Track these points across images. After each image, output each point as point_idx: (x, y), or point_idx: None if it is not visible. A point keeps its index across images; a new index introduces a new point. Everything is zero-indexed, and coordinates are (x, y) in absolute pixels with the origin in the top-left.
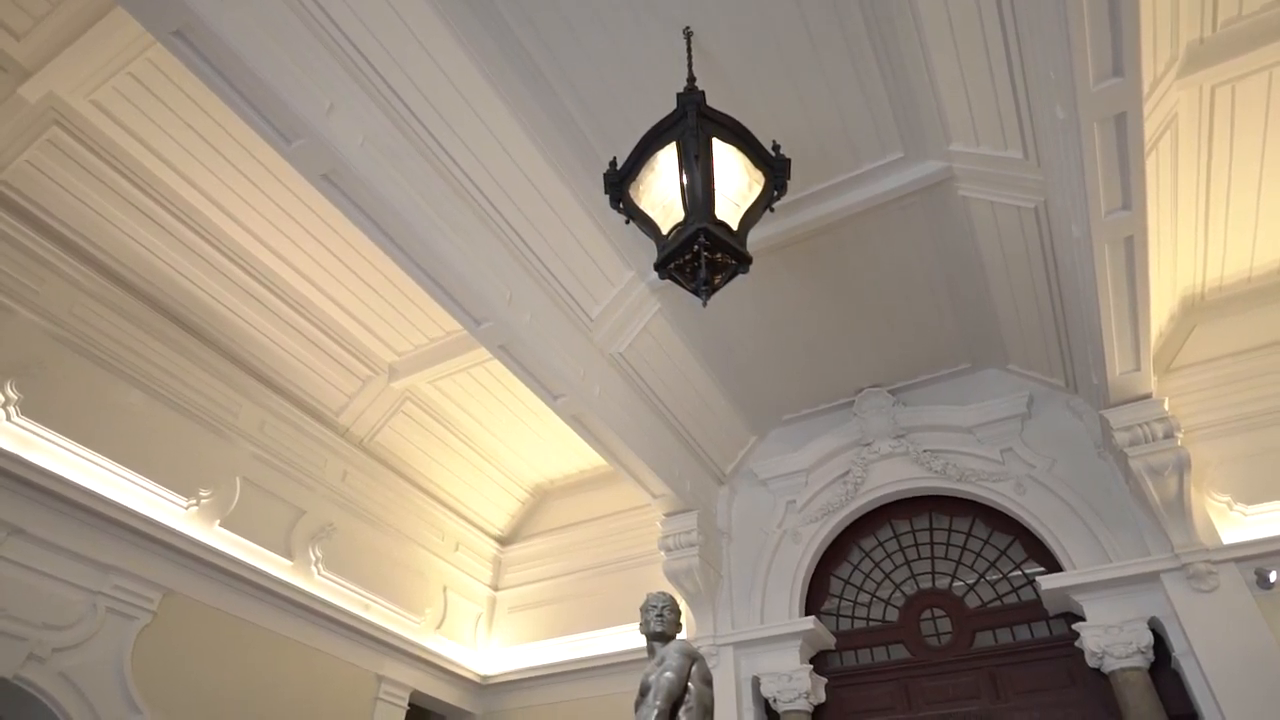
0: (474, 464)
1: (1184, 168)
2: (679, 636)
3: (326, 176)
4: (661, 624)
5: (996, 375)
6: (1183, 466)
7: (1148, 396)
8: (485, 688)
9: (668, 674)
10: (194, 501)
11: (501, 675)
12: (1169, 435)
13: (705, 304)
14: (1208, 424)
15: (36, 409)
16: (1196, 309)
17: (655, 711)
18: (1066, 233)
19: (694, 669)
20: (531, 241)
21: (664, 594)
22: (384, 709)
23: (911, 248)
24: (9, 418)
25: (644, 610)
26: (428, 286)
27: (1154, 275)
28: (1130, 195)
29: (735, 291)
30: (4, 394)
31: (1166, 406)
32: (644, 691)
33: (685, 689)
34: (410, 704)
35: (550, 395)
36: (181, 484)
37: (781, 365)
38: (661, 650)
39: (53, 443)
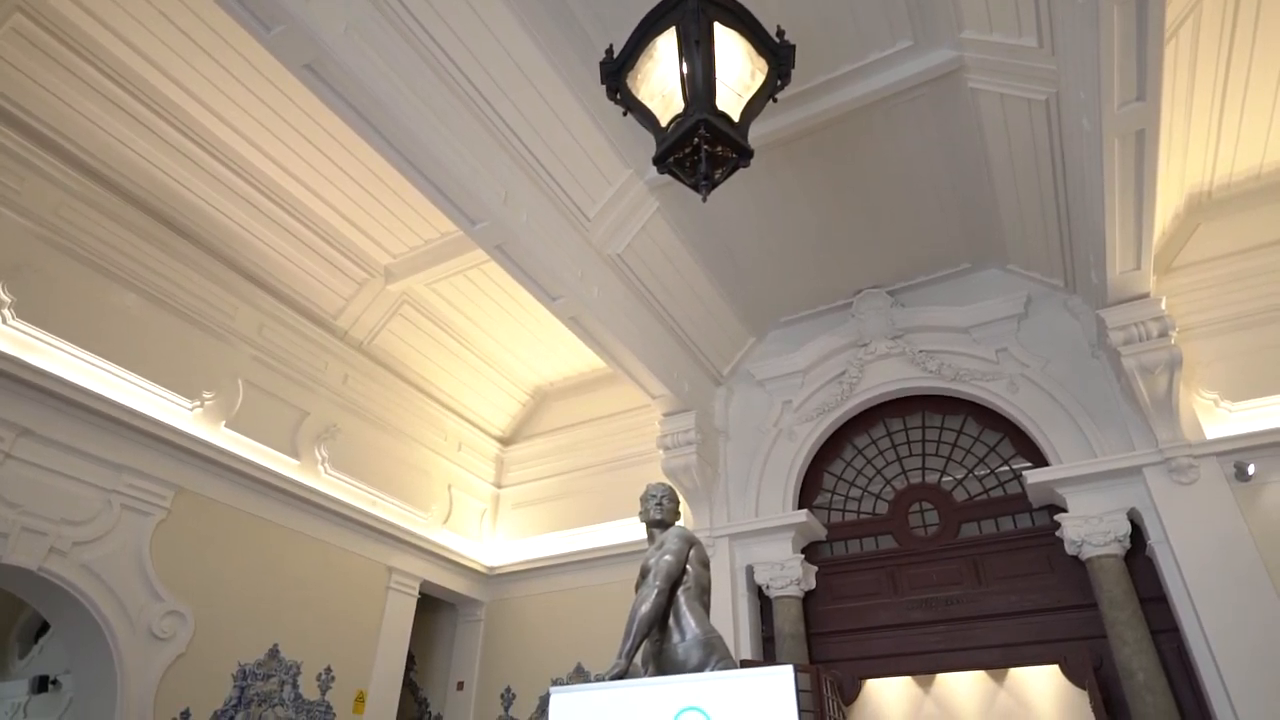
0: (473, 366)
1: (1203, 59)
2: (677, 524)
3: (309, 67)
4: (661, 511)
5: (995, 276)
6: (1174, 365)
7: (1145, 296)
8: (491, 578)
9: (667, 557)
10: (198, 403)
11: (507, 566)
12: (1163, 334)
13: (705, 199)
14: (1203, 323)
15: (32, 312)
16: (1202, 207)
17: (655, 591)
18: (1076, 127)
19: (692, 552)
20: (526, 138)
21: (663, 484)
22: (396, 598)
23: (917, 143)
24: (5, 321)
25: (644, 499)
26: (421, 185)
27: (1162, 172)
28: (1145, 86)
29: (735, 189)
30: None
31: (1163, 306)
32: (644, 574)
33: (684, 571)
34: (420, 593)
35: (548, 297)
36: (184, 386)
37: (781, 266)
38: (661, 536)
39: (53, 346)
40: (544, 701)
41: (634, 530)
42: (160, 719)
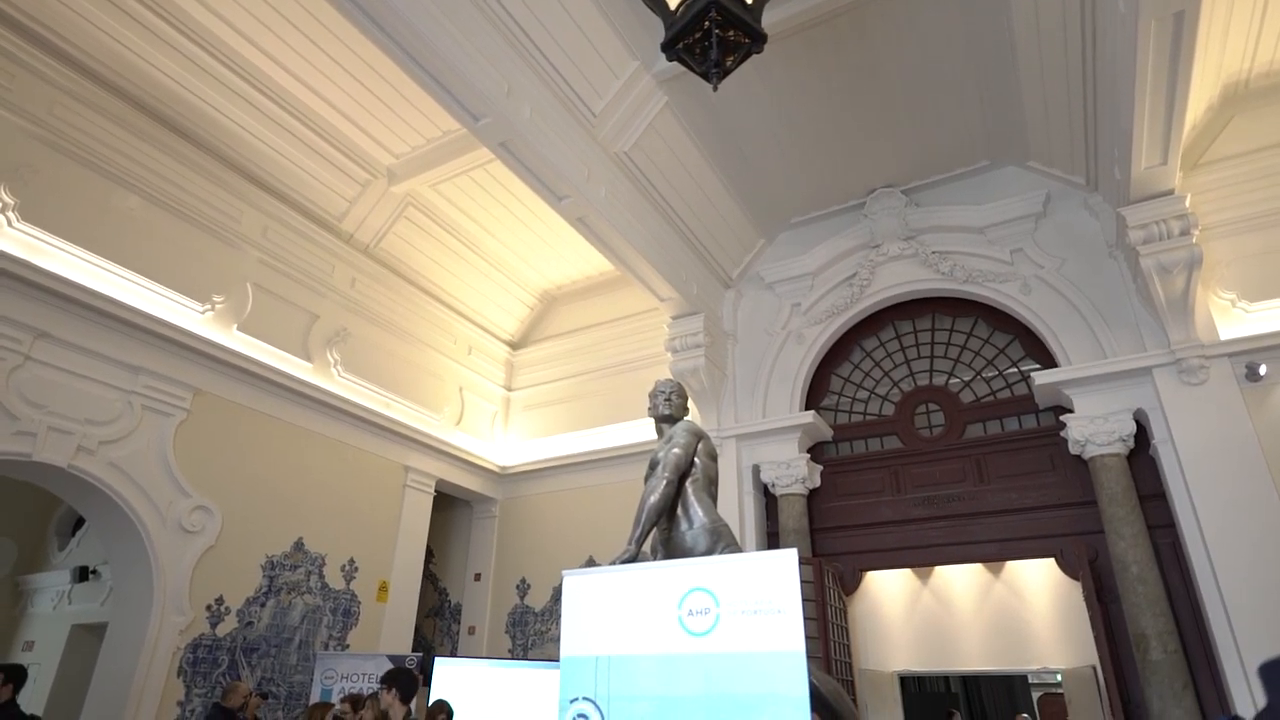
0: (481, 270)
1: None
2: (685, 418)
3: None
4: (669, 407)
5: (1014, 173)
6: (1193, 264)
7: (1170, 192)
8: (504, 477)
9: (675, 449)
10: (209, 306)
11: (519, 466)
12: (1185, 233)
13: (716, 88)
14: (1225, 221)
15: (36, 214)
16: (1238, 98)
17: (664, 482)
18: (1110, 9)
19: (700, 445)
20: (529, 27)
21: (672, 380)
22: (413, 495)
23: (940, 29)
24: (10, 223)
25: (652, 395)
26: (420, 79)
27: (1199, 59)
28: None
29: (747, 81)
30: None
31: (1188, 203)
32: (653, 466)
33: (692, 463)
34: (437, 491)
35: (554, 197)
36: (194, 289)
37: (793, 164)
38: (669, 430)
39: (61, 249)
40: (557, 591)
41: (642, 431)
42: (196, 605)
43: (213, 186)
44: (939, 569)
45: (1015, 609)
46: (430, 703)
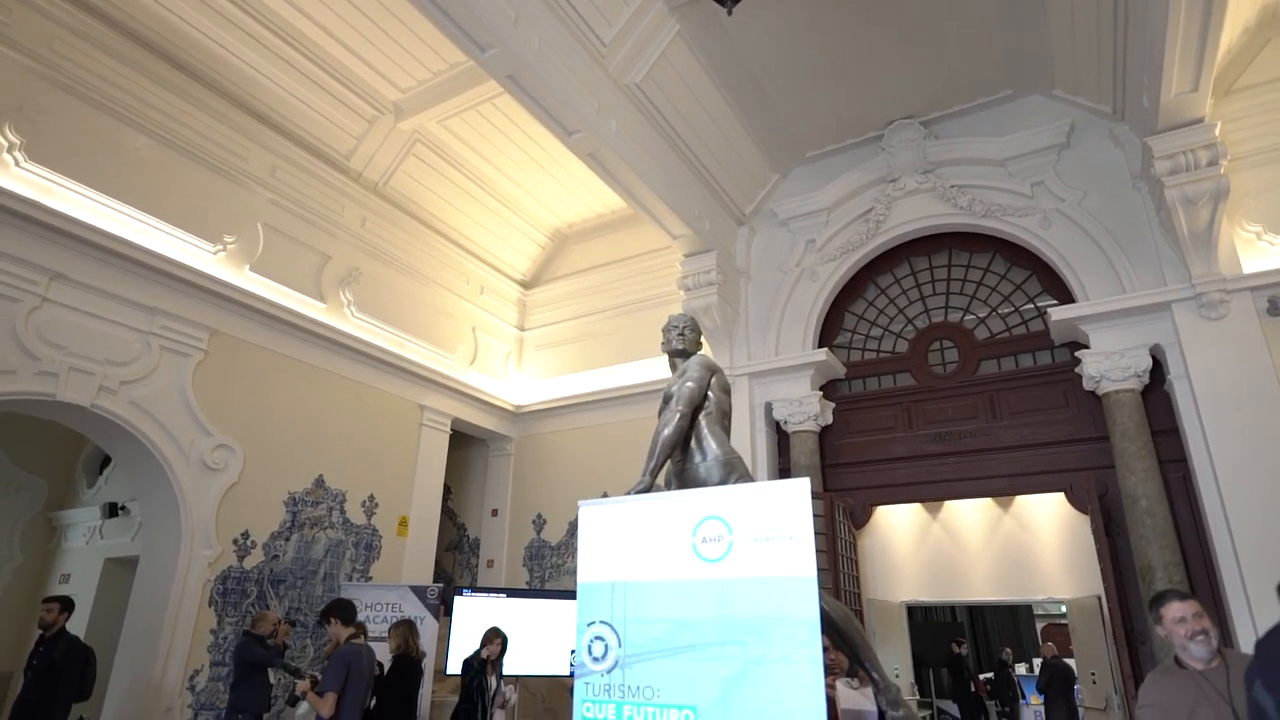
0: (491, 209)
1: None
2: (699, 353)
3: None
4: (683, 341)
5: (1038, 103)
6: (1219, 196)
7: (1200, 120)
8: (519, 416)
9: (689, 383)
10: (220, 247)
11: (533, 405)
12: (1213, 163)
13: (730, 12)
14: (1255, 151)
15: (42, 154)
16: (1276, 20)
17: (677, 415)
18: None
19: (713, 379)
20: None
21: (685, 315)
22: (429, 433)
23: None
24: (17, 163)
25: (666, 330)
26: (425, 8)
27: None
28: None
29: (763, 7)
30: (4, 137)
31: (1217, 132)
32: (667, 400)
33: (705, 396)
34: (452, 429)
35: (564, 131)
36: (205, 230)
37: (809, 95)
38: (683, 364)
39: (70, 189)
40: (573, 526)
41: (655, 370)
42: (223, 539)
43: (218, 124)
44: (949, 504)
45: (1023, 542)
46: (487, 629)
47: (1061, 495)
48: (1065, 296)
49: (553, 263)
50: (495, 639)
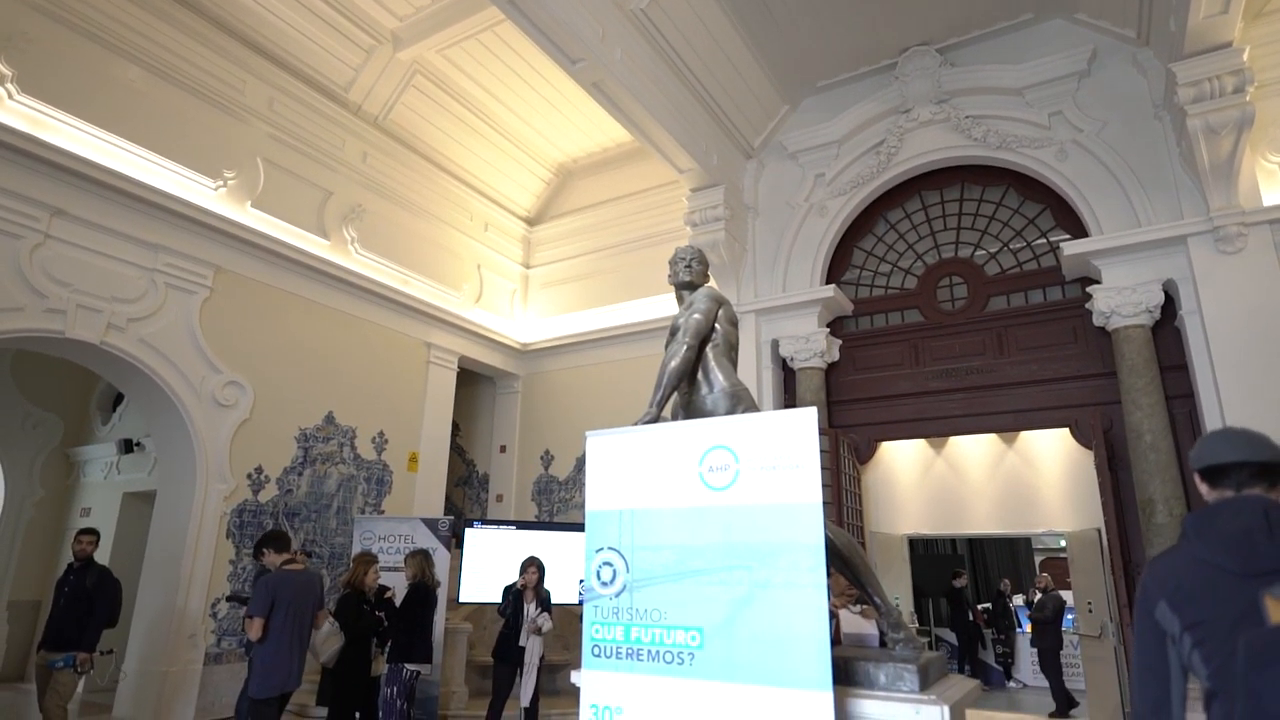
0: (494, 143)
1: None
2: (706, 285)
3: None
4: (690, 273)
5: (1059, 28)
6: (1243, 125)
7: (1228, 45)
8: (525, 353)
9: (695, 315)
10: (221, 183)
11: (539, 343)
12: (1238, 90)
13: None
14: None
15: (36, 86)
16: None
17: (684, 347)
18: None
19: (720, 311)
20: None
21: (692, 247)
22: (437, 371)
23: None
24: (10, 96)
25: (673, 262)
26: None
27: None
28: None
29: None
30: None
31: (1246, 57)
32: (674, 332)
33: (712, 328)
34: (460, 367)
35: (568, 60)
36: (204, 165)
37: (822, 20)
38: (690, 297)
39: (64, 123)
40: (580, 461)
41: (661, 307)
42: (238, 474)
43: (213, 55)
44: (953, 439)
45: (1026, 477)
46: (524, 559)
47: (1066, 431)
48: (1078, 231)
49: (557, 199)
50: (530, 567)
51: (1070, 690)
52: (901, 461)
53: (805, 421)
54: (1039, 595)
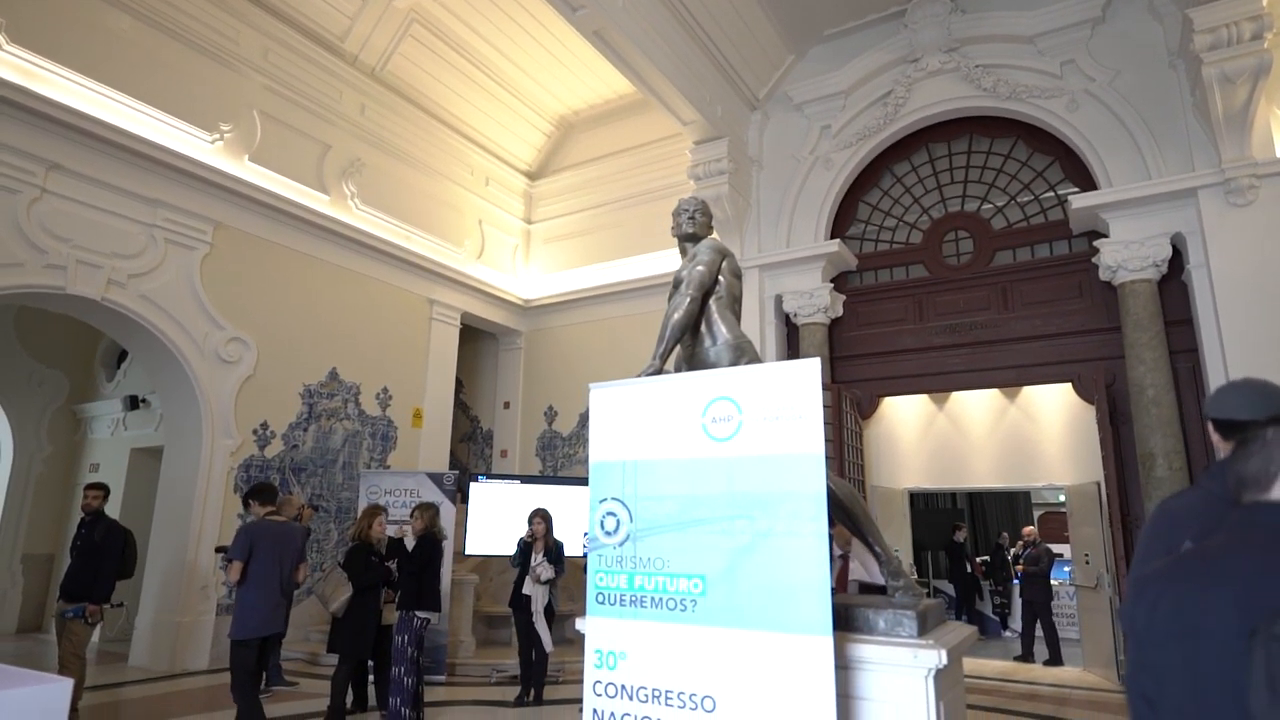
0: (494, 94)
1: None
2: (710, 236)
3: None
4: (693, 225)
5: None
6: (1260, 73)
7: None
8: (528, 310)
9: (699, 267)
10: (217, 136)
11: (541, 299)
12: (1257, 36)
13: None
14: None
15: (26, 36)
16: None
17: (687, 299)
18: None
19: (724, 263)
20: None
21: (696, 198)
22: (439, 327)
23: None
24: (1, 46)
25: (676, 214)
26: None
27: None
28: None
29: None
30: None
31: (1266, 1)
32: (677, 284)
33: (716, 280)
34: (463, 324)
35: (569, 7)
36: (199, 117)
37: None
38: (693, 249)
39: (57, 74)
40: (584, 417)
41: (664, 263)
42: (243, 429)
43: (204, 3)
44: (956, 394)
45: (1028, 431)
46: (532, 510)
47: (1068, 385)
48: (1087, 184)
49: (559, 153)
50: (537, 519)
51: (1037, 637)
52: (903, 416)
53: (808, 372)
54: (1027, 549)
